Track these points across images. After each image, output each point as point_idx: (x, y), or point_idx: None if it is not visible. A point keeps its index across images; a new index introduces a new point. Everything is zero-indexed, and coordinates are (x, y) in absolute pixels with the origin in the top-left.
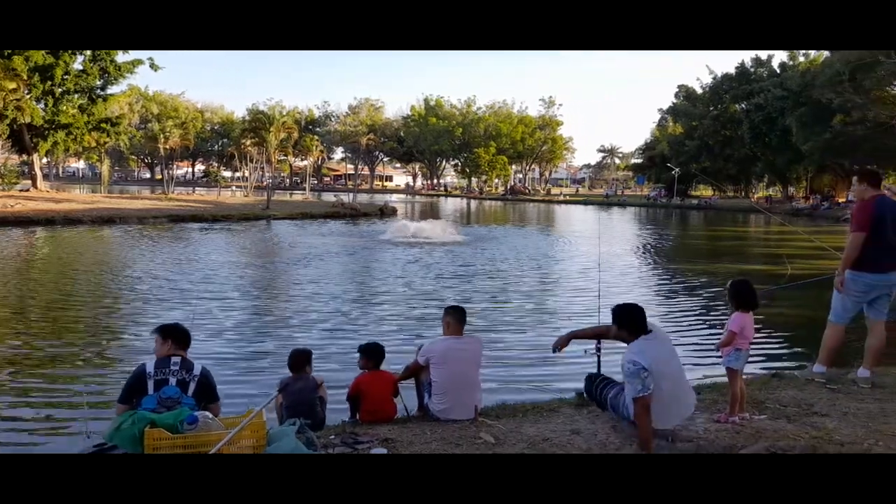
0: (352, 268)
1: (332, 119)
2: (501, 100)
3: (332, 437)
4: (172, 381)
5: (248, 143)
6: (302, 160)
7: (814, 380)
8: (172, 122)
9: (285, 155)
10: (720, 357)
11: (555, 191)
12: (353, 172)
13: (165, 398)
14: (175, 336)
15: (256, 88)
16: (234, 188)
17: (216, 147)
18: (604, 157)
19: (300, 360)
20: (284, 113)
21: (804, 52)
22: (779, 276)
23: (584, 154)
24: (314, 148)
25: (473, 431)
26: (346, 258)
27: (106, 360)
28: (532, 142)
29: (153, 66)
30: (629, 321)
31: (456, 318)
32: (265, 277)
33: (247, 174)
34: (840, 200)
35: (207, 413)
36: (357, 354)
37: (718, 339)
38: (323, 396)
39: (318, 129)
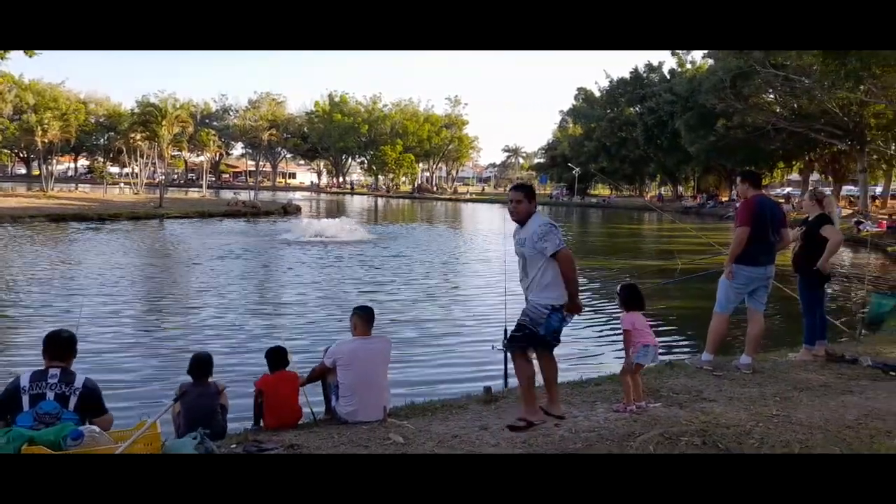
0: (253, 269)
1: (231, 113)
2: (407, 98)
3: (234, 445)
4: (50, 395)
5: (138, 137)
6: (198, 156)
7: (703, 368)
8: (51, 114)
9: (179, 150)
10: (623, 354)
11: (461, 189)
12: (254, 169)
13: (42, 414)
14: (51, 347)
15: (146, 79)
16: (122, 185)
17: (102, 141)
18: (508, 157)
19: (203, 365)
20: (178, 105)
21: (691, 59)
22: (671, 270)
23: (489, 153)
24: (211, 143)
25: (382, 432)
26: (246, 259)
27: None
28: (438, 140)
29: (28, 52)
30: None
31: (364, 318)
32: (158, 282)
33: (137, 170)
34: (723, 199)
35: (94, 427)
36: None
37: (618, 332)
38: (224, 404)
39: (215, 123)
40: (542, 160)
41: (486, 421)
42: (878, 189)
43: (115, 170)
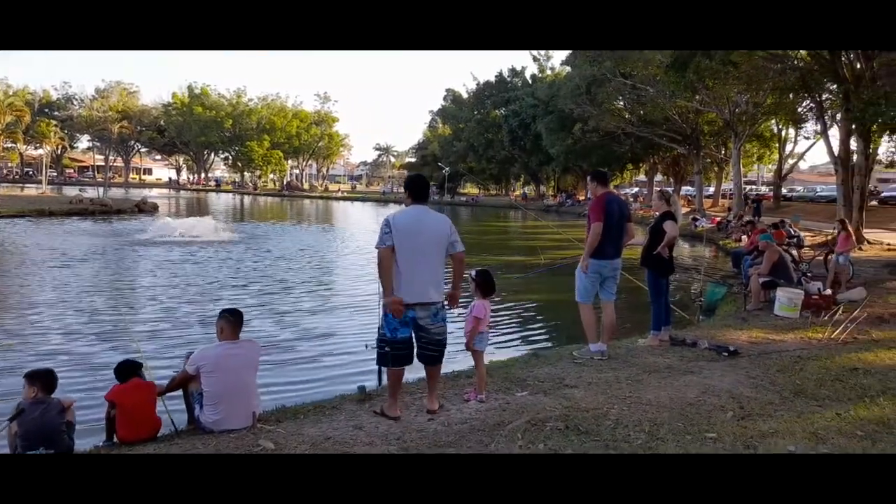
0: (102, 273)
1: (75, 103)
2: (274, 92)
3: None
4: None
5: None
6: (36, 149)
7: (594, 357)
8: None
9: (13, 142)
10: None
11: (332, 187)
12: (103, 164)
13: None
14: None
15: None
16: None
17: None
18: (380, 155)
19: (45, 378)
20: (11, 93)
21: (551, 66)
22: (536, 265)
23: (360, 151)
24: (52, 135)
25: (251, 440)
26: (94, 262)
27: None
28: (308, 137)
29: None
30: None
31: (230, 321)
32: None
33: None
34: (580, 198)
35: None
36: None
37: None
38: (71, 420)
39: (56, 113)
40: (413, 159)
41: (360, 420)
42: (711, 189)
43: None
